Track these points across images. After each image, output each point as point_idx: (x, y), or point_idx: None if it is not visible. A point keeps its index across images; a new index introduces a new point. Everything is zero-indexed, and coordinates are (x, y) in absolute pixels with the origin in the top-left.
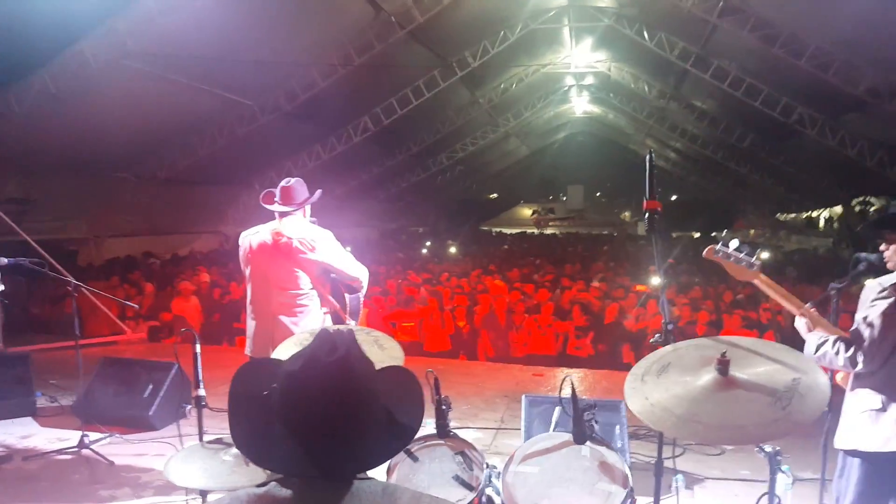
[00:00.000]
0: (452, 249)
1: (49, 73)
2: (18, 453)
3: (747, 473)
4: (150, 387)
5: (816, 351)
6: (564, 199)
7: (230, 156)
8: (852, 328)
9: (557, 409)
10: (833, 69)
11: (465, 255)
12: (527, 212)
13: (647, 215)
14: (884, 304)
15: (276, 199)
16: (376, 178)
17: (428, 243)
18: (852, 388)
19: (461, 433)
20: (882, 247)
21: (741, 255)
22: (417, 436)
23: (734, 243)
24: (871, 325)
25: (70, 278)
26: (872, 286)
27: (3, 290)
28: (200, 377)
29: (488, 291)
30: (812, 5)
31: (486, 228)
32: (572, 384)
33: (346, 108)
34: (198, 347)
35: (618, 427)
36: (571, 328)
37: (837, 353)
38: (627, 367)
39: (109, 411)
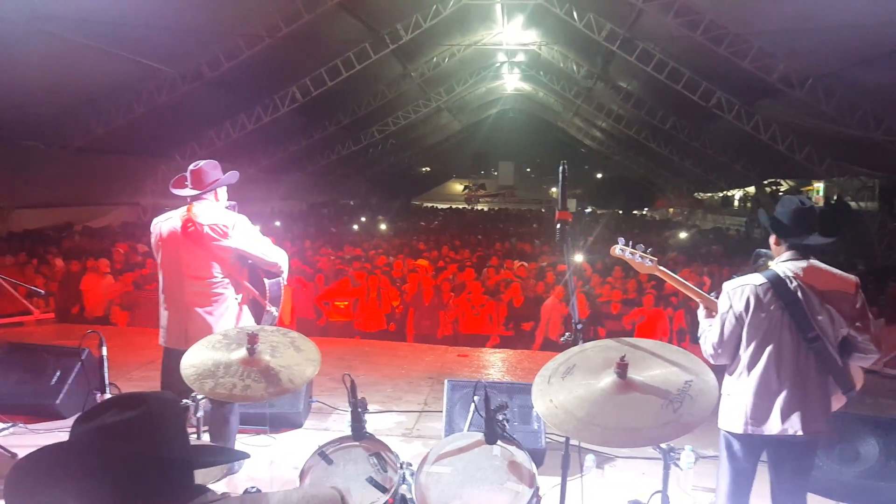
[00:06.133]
0: (383, 226)
1: None
2: None
3: (655, 452)
4: (58, 373)
5: (699, 338)
6: (496, 174)
7: (149, 125)
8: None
9: (472, 409)
10: (749, 57)
11: (396, 232)
12: (459, 187)
13: (558, 226)
14: (722, 307)
15: (186, 182)
16: (305, 150)
17: (363, 219)
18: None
19: (384, 417)
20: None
21: (639, 253)
22: (333, 437)
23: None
24: (716, 326)
25: None
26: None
27: None
28: (107, 381)
29: (416, 271)
30: None
31: (417, 203)
32: (485, 389)
33: (273, 78)
34: (104, 350)
35: (535, 409)
36: (503, 308)
37: (704, 343)
38: (552, 347)
39: (13, 399)
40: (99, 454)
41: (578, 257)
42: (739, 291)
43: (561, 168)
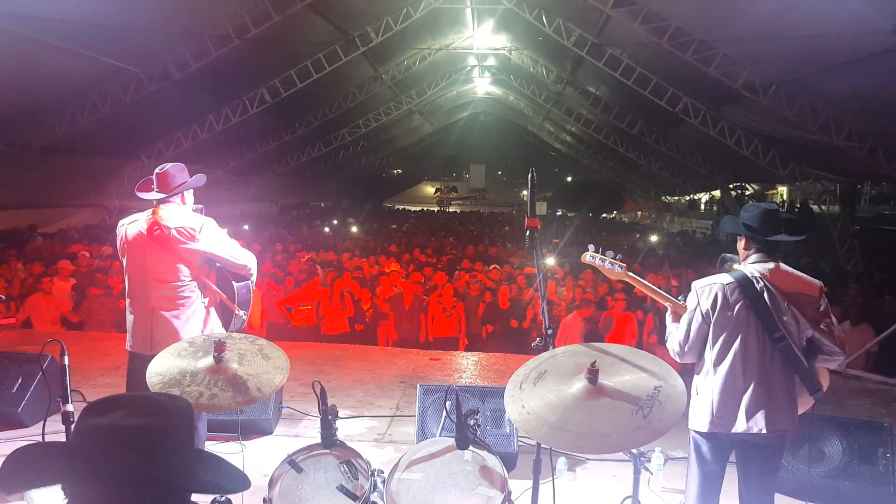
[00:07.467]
0: (354, 228)
1: None
2: None
3: (625, 455)
4: (20, 381)
5: (667, 340)
6: (467, 177)
7: (115, 125)
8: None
9: (444, 415)
10: (714, 63)
11: (368, 234)
12: (430, 189)
13: (528, 233)
14: (690, 305)
15: (153, 186)
16: (275, 151)
17: (335, 222)
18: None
19: (356, 422)
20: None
21: (608, 259)
22: (302, 445)
23: (602, 252)
24: (683, 323)
25: None
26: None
27: None
28: (69, 391)
29: (388, 274)
30: (698, 2)
31: (389, 205)
32: (456, 394)
33: (242, 79)
34: (66, 359)
35: (507, 415)
36: (476, 310)
37: (671, 342)
38: (526, 350)
39: None
40: (99, 459)
41: (550, 261)
42: (707, 290)
43: (530, 175)
